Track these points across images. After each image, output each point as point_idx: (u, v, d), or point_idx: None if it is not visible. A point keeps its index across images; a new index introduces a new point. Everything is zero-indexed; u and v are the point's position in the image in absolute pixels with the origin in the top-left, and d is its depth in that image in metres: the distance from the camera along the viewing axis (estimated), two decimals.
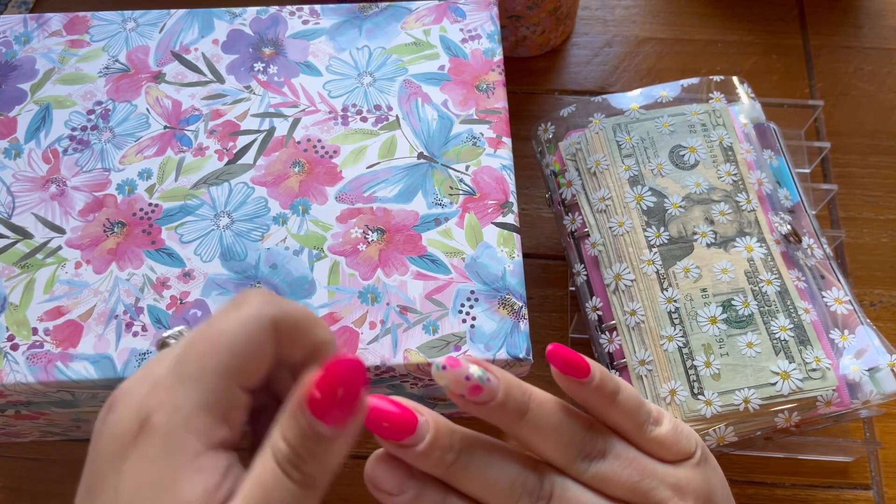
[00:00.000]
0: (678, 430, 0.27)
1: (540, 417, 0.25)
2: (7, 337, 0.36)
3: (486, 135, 0.41)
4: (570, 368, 0.26)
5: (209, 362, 0.21)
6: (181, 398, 0.21)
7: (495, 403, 0.24)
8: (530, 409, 0.25)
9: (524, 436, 0.25)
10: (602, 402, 0.26)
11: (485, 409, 0.24)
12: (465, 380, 0.24)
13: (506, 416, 0.25)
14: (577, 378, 0.26)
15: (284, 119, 0.41)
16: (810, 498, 0.44)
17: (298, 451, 0.21)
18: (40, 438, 0.45)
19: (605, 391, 0.26)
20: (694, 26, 0.62)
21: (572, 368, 0.26)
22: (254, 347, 0.22)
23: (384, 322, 0.36)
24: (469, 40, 0.44)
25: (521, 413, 0.25)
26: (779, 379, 0.38)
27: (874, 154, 0.56)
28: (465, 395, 0.24)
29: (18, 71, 0.43)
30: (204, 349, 0.22)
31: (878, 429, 0.46)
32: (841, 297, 0.41)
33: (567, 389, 0.26)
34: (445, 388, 0.24)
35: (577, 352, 0.26)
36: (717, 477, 0.28)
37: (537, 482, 0.25)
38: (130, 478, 0.21)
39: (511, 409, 0.25)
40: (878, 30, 0.61)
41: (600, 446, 0.26)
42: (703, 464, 0.27)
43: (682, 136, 0.44)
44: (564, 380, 0.26)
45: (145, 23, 0.44)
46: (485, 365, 0.24)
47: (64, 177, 0.40)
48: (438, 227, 0.38)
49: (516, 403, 0.25)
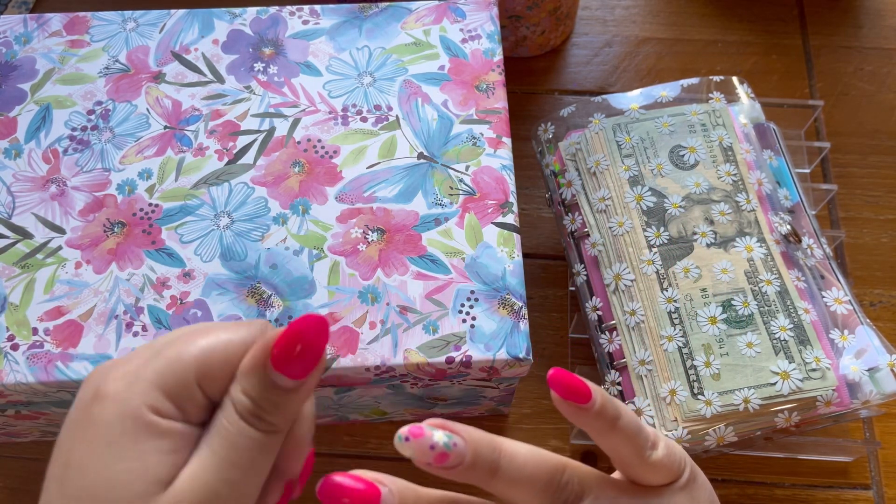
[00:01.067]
0: (671, 453, 0.27)
1: (512, 471, 0.25)
2: (7, 337, 0.36)
3: (486, 135, 0.41)
4: (571, 394, 0.25)
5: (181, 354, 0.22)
6: (141, 373, 0.22)
7: (464, 467, 0.24)
8: (500, 465, 0.24)
9: (499, 491, 0.25)
10: (603, 427, 0.26)
11: (454, 473, 0.24)
12: (429, 449, 0.23)
13: (477, 475, 0.24)
14: (578, 403, 0.25)
15: (284, 119, 0.41)
16: (810, 498, 0.44)
17: (260, 403, 0.22)
18: (40, 438, 0.45)
19: (607, 417, 0.26)
20: (694, 26, 0.62)
21: (573, 394, 0.25)
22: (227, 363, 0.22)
23: (384, 322, 0.36)
24: (469, 40, 0.44)
25: (493, 471, 0.24)
26: (779, 379, 0.38)
27: (874, 154, 0.56)
28: (431, 464, 0.23)
29: (18, 71, 0.43)
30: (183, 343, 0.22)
31: (878, 429, 0.46)
32: (841, 297, 0.41)
33: (567, 415, 0.26)
34: (411, 458, 0.23)
35: (577, 376, 0.25)
36: (704, 493, 0.28)
37: None
38: (82, 440, 0.21)
39: (482, 469, 0.24)
40: (878, 30, 0.61)
41: (577, 489, 0.25)
42: (691, 484, 0.27)
43: (682, 136, 0.45)
44: (565, 405, 0.25)
45: (145, 23, 0.44)
46: (449, 426, 0.24)
47: (64, 177, 0.40)
48: (438, 227, 0.38)
49: (486, 462, 0.24)
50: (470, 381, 0.39)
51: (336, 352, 0.35)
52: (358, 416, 0.45)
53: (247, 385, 0.22)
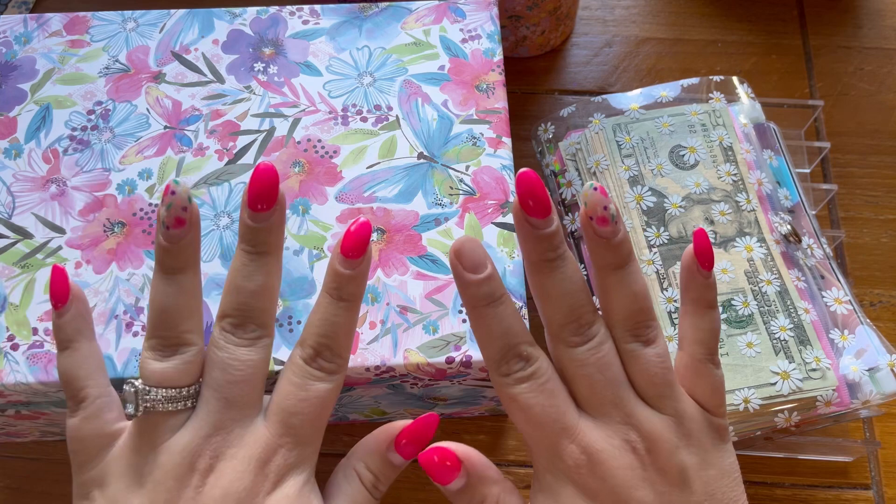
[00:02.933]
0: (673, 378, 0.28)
1: (635, 275, 0.26)
2: (7, 337, 0.36)
3: (486, 135, 0.41)
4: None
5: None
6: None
7: (614, 242, 0.26)
8: (631, 263, 0.26)
9: (610, 285, 0.26)
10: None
11: (598, 241, 0.26)
12: (602, 209, 0.25)
13: (611, 256, 0.26)
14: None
15: (284, 119, 0.41)
16: (810, 498, 0.44)
17: (380, 478, 0.29)
18: (40, 438, 0.45)
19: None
20: (694, 26, 0.62)
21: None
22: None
23: (384, 322, 0.36)
24: (469, 40, 0.44)
25: (623, 263, 0.26)
26: (779, 379, 0.38)
27: (874, 154, 0.56)
28: (592, 220, 0.25)
29: (18, 71, 0.43)
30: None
31: (878, 429, 0.46)
32: (841, 297, 0.41)
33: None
34: (584, 204, 0.25)
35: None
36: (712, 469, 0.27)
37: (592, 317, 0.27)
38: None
39: (620, 254, 0.26)
40: (878, 30, 0.61)
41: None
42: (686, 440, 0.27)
43: (682, 136, 0.45)
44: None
45: (145, 23, 0.44)
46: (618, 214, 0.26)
47: (64, 177, 0.40)
48: (438, 227, 0.38)
49: (626, 252, 0.26)
50: (470, 381, 0.39)
51: None
52: (358, 416, 0.45)
53: (371, 463, 0.29)
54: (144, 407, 0.26)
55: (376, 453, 0.29)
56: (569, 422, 0.26)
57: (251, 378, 0.27)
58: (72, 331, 0.28)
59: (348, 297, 0.27)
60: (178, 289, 0.27)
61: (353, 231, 0.27)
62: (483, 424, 0.47)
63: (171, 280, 0.27)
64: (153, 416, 0.26)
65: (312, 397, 0.27)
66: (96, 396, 0.28)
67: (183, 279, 0.27)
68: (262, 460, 0.26)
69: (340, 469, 0.29)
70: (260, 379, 0.27)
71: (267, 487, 0.26)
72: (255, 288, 0.27)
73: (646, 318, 0.27)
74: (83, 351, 0.28)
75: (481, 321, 0.26)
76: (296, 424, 0.27)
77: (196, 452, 0.26)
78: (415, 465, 0.46)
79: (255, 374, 0.27)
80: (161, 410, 0.26)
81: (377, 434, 0.29)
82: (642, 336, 0.26)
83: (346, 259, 0.27)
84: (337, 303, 0.27)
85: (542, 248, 0.26)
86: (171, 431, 0.27)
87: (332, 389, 0.28)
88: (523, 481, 0.45)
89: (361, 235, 0.27)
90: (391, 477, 0.29)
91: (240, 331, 0.27)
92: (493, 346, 0.27)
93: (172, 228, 0.26)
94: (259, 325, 0.27)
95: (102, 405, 0.28)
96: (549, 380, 0.27)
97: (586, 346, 0.26)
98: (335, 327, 0.27)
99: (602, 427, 0.26)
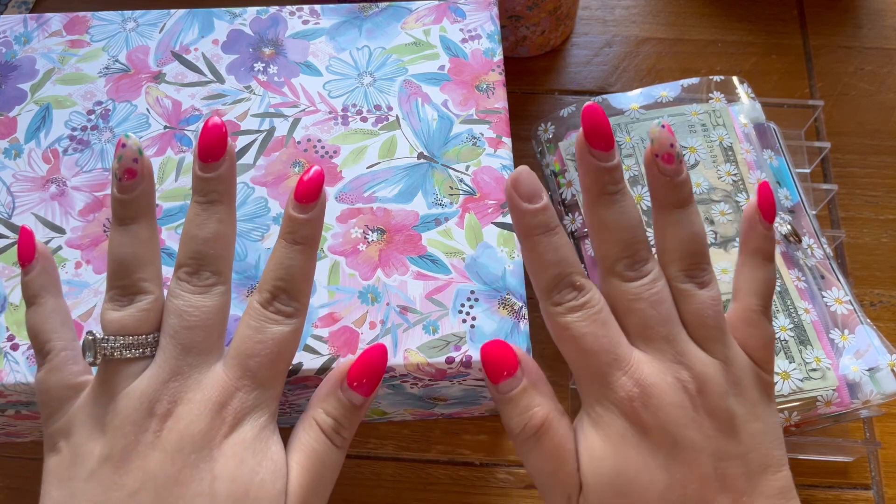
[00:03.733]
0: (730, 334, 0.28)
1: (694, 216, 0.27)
2: (7, 337, 0.36)
3: (486, 135, 0.41)
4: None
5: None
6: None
7: (677, 181, 0.26)
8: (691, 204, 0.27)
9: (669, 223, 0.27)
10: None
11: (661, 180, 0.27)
12: (669, 146, 0.26)
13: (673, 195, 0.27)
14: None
15: (284, 119, 0.41)
16: (810, 498, 0.44)
17: (340, 421, 0.28)
18: (40, 438, 0.45)
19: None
20: (694, 26, 0.62)
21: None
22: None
23: (384, 322, 0.36)
24: (469, 40, 0.44)
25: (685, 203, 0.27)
26: (779, 379, 0.38)
27: (874, 154, 0.56)
28: (659, 157, 0.26)
29: (18, 71, 0.43)
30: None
31: (878, 429, 0.46)
32: (841, 297, 0.41)
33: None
34: (652, 141, 0.26)
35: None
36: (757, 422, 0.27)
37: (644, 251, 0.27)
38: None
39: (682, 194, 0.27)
40: (878, 30, 0.61)
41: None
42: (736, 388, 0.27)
43: (682, 136, 0.45)
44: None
45: (145, 23, 0.44)
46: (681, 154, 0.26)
47: (64, 177, 0.40)
48: (438, 227, 0.38)
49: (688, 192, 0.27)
50: (470, 381, 0.39)
51: (336, 352, 0.35)
52: None
53: (329, 406, 0.28)
54: (103, 355, 0.26)
55: (331, 395, 0.29)
56: (622, 353, 0.26)
57: (207, 324, 0.27)
58: (37, 287, 0.29)
59: (302, 240, 0.28)
60: (133, 238, 0.27)
61: (305, 179, 0.28)
62: (483, 424, 0.47)
63: (125, 230, 0.27)
64: (113, 364, 0.27)
65: (269, 339, 0.27)
66: (60, 349, 0.28)
67: (137, 229, 0.27)
68: (219, 403, 0.27)
69: (299, 422, 0.29)
70: (217, 325, 0.28)
71: (224, 430, 0.26)
72: (208, 235, 0.27)
73: (701, 260, 0.27)
74: (48, 305, 0.29)
75: (535, 250, 0.27)
76: (253, 367, 0.27)
77: (154, 398, 0.26)
78: (415, 465, 0.46)
79: (211, 319, 0.27)
80: (119, 358, 0.27)
81: (328, 376, 0.29)
82: (697, 277, 0.27)
83: (298, 204, 0.28)
84: (292, 246, 0.28)
85: (604, 181, 0.26)
86: (130, 378, 0.27)
87: (290, 332, 0.28)
88: (523, 481, 0.45)
89: (314, 181, 0.28)
90: (353, 419, 0.29)
91: (195, 278, 0.27)
92: (546, 275, 0.27)
93: (125, 180, 0.27)
94: (213, 272, 0.28)
95: (67, 358, 0.28)
96: (601, 310, 0.27)
97: (641, 280, 0.27)
98: (290, 270, 0.28)
99: (655, 362, 0.26)
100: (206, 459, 0.26)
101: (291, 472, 0.27)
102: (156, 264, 0.28)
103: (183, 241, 0.28)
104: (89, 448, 0.26)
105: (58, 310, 0.29)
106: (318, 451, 0.28)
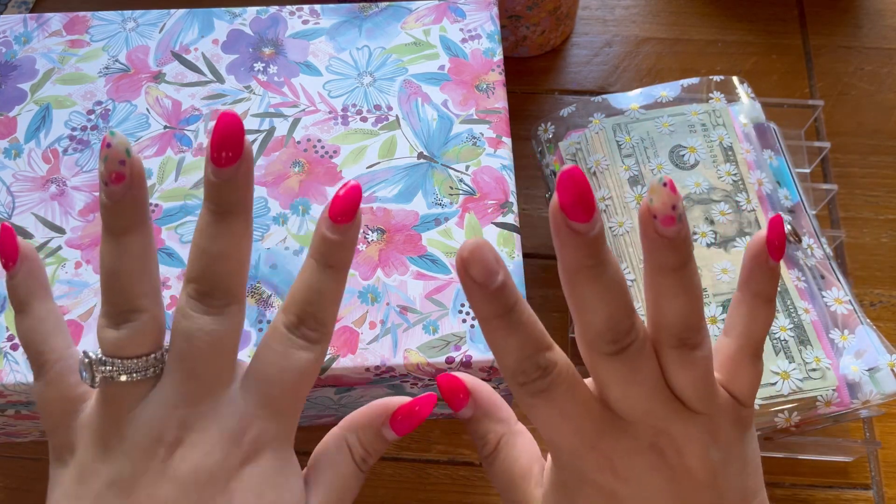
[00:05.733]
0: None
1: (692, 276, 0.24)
2: (7, 337, 0.36)
3: (486, 135, 0.41)
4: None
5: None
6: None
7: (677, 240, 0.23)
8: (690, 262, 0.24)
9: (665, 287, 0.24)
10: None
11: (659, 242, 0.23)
12: (671, 208, 0.23)
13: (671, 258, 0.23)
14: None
15: (284, 119, 0.41)
16: (810, 498, 0.44)
17: (370, 452, 0.28)
18: (40, 438, 0.45)
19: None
20: (694, 26, 0.62)
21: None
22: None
23: (384, 322, 0.36)
24: (469, 40, 0.44)
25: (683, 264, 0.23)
26: (779, 379, 0.38)
27: (874, 154, 0.56)
28: (657, 218, 0.23)
29: (18, 71, 0.43)
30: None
31: (878, 429, 0.46)
32: (841, 297, 0.41)
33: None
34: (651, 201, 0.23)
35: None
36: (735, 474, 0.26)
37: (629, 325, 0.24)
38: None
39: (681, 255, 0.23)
40: (878, 30, 0.61)
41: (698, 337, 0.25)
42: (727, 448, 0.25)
43: (682, 136, 0.45)
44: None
45: (145, 23, 0.44)
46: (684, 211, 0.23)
47: (64, 177, 0.40)
48: (438, 227, 0.38)
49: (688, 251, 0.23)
50: None
51: (336, 352, 0.35)
52: None
53: (363, 436, 0.28)
54: (102, 377, 0.25)
55: (370, 428, 0.28)
56: (593, 427, 0.25)
57: (218, 348, 0.25)
58: (24, 292, 0.27)
59: (335, 263, 0.26)
60: (125, 251, 0.25)
61: (342, 195, 0.25)
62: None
63: (116, 242, 0.25)
64: (113, 387, 0.25)
65: (294, 367, 0.25)
66: (55, 361, 0.26)
67: (129, 241, 0.25)
68: (237, 432, 0.25)
69: (332, 439, 0.28)
70: (229, 349, 0.26)
71: (242, 461, 0.25)
72: (220, 252, 0.25)
73: (697, 323, 0.24)
74: (36, 313, 0.27)
75: (494, 334, 0.24)
76: (275, 395, 0.25)
77: (162, 424, 0.25)
78: (415, 465, 0.46)
79: (223, 344, 0.25)
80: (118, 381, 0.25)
81: (373, 408, 0.28)
82: (691, 341, 0.24)
83: (334, 224, 0.25)
84: (324, 269, 0.25)
85: (584, 255, 0.23)
86: (134, 400, 0.25)
87: (315, 359, 0.26)
88: None
89: (351, 199, 0.25)
90: (381, 452, 0.29)
91: (206, 298, 0.25)
92: (509, 359, 0.25)
93: (112, 185, 0.24)
94: (226, 293, 0.25)
95: (62, 370, 0.26)
96: (570, 386, 0.25)
97: (623, 354, 0.24)
98: (320, 295, 0.26)
99: (630, 429, 0.25)
100: (223, 492, 0.24)
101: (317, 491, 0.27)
102: (151, 277, 0.26)
103: (193, 254, 0.25)
104: (95, 468, 0.25)
105: (47, 316, 0.27)
106: (346, 476, 0.27)
